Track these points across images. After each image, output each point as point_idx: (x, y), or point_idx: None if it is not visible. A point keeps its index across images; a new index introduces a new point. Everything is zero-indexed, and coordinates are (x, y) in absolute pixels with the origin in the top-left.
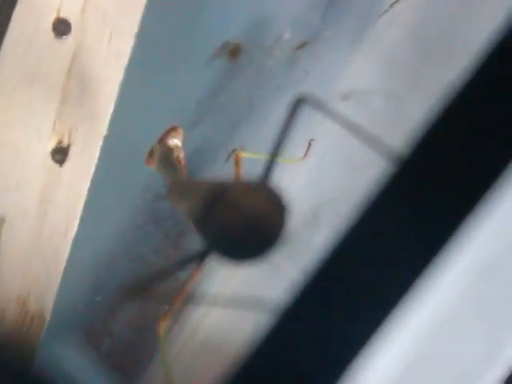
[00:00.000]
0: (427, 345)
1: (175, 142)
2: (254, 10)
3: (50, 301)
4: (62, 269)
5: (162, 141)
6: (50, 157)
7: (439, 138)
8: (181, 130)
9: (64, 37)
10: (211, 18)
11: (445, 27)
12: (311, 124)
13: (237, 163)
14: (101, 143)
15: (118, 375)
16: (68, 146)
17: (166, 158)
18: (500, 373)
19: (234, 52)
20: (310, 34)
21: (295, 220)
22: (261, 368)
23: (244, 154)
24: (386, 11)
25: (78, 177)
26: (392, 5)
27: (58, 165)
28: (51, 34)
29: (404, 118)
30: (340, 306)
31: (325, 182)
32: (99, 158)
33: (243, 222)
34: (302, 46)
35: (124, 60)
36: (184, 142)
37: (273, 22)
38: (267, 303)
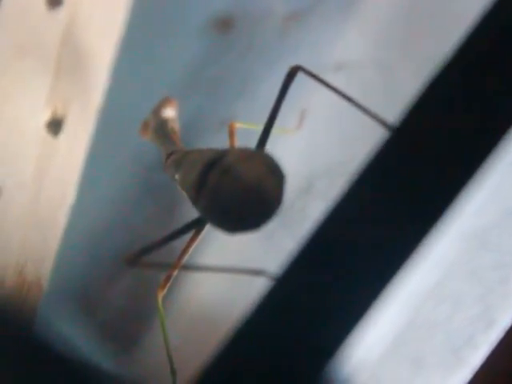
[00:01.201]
0: (421, 308)
1: (169, 112)
2: None
3: (47, 269)
4: (58, 237)
5: (157, 112)
6: (44, 129)
7: (431, 108)
8: (175, 101)
9: (56, 9)
10: None
11: (434, 1)
12: (304, 95)
13: (231, 133)
14: (95, 115)
15: (113, 342)
16: (62, 118)
17: (161, 128)
18: (492, 334)
19: (225, 23)
20: (301, 5)
21: (290, 189)
22: (256, 334)
23: (238, 125)
24: None
25: (73, 148)
26: None
27: (53, 136)
28: (43, 6)
29: (396, 89)
30: (335, 274)
31: (319, 153)
32: (94, 129)
33: (238, 189)
34: (294, 17)
35: (117, 32)
36: (178, 113)
37: None
38: (262, 271)
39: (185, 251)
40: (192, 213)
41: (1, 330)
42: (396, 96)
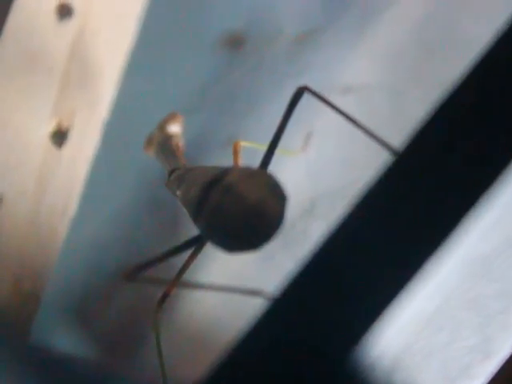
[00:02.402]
0: (418, 334)
1: (175, 128)
2: (257, 0)
3: (44, 281)
4: (58, 249)
5: (162, 127)
6: (49, 139)
7: (438, 134)
8: (181, 117)
9: (66, 19)
10: (216, 6)
11: (448, 25)
12: (311, 116)
13: (235, 152)
14: (100, 127)
15: (110, 357)
16: (68, 129)
17: (165, 144)
18: (489, 366)
19: (235, 41)
20: (312, 26)
21: (292, 210)
22: (254, 354)
23: (243, 143)
24: (389, 7)
25: (77, 160)
26: (395, 1)
27: (57, 147)
28: (53, 17)
29: (404, 114)
30: (333, 297)
31: (323, 175)
32: (98, 141)
33: (239, 209)
34: (304, 38)
35: (127, 44)
36: (184, 130)
37: (276, 13)
38: (260, 291)
39: (184, 268)
40: (192, 230)
41: None
42: (402, 120)
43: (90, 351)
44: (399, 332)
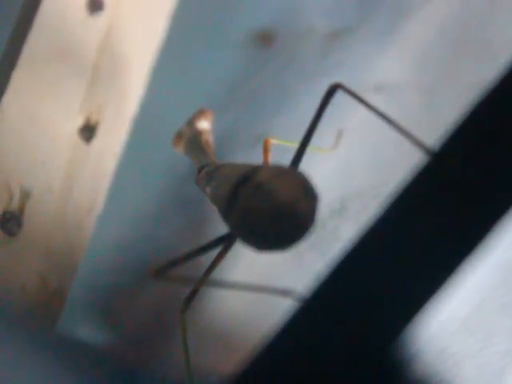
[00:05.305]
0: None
1: (204, 125)
2: None
3: (70, 278)
4: (84, 246)
5: (191, 123)
6: (77, 134)
7: (470, 134)
8: (210, 113)
9: (97, 14)
10: (245, 3)
11: (479, 26)
12: (342, 114)
13: (265, 149)
14: (129, 123)
15: (135, 354)
16: (96, 124)
17: (194, 140)
18: None
19: (266, 38)
20: (343, 24)
21: (322, 210)
22: (283, 355)
23: (273, 141)
24: (422, 5)
25: (105, 155)
26: (426, 0)
27: (85, 142)
28: (84, 11)
29: (436, 114)
30: (362, 300)
31: (354, 174)
32: (127, 137)
33: (270, 207)
34: (336, 35)
35: (157, 40)
36: (213, 126)
37: (307, 11)
38: (290, 292)
39: (212, 267)
40: (221, 228)
41: (21, 338)
42: (436, 121)
43: (115, 348)
44: (432, 336)
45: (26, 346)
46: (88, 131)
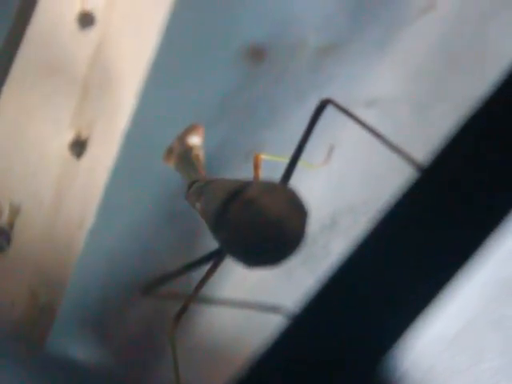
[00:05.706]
0: (440, 356)
1: (195, 140)
2: (280, 12)
3: (60, 293)
4: (74, 261)
5: (182, 138)
6: (67, 149)
7: (465, 149)
8: (201, 129)
9: (88, 28)
10: (237, 18)
11: (472, 40)
12: (333, 129)
13: (256, 165)
14: (120, 138)
15: (125, 370)
16: (87, 139)
17: (185, 156)
18: None
19: (258, 53)
20: (335, 38)
21: (313, 225)
22: (273, 371)
23: (263, 156)
24: (414, 20)
25: (96, 170)
26: (420, 14)
27: (76, 157)
28: (75, 25)
29: (428, 128)
30: (352, 316)
31: (345, 189)
32: (117, 152)
33: (260, 223)
34: (327, 50)
35: (148, 55)
36: (204, 141)
37: (299, 25)
38: (279, 308)
39: (202, 283)
40: (211, 243)
41: (10, 354)
42: (426, 135)
43: (105, 364)
44: (422, 353)
45: (15, 363)
46: (79, 146)
